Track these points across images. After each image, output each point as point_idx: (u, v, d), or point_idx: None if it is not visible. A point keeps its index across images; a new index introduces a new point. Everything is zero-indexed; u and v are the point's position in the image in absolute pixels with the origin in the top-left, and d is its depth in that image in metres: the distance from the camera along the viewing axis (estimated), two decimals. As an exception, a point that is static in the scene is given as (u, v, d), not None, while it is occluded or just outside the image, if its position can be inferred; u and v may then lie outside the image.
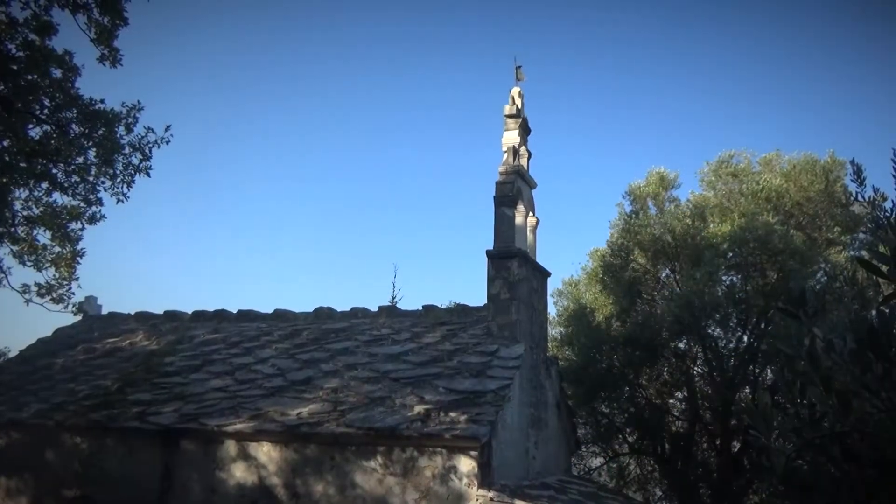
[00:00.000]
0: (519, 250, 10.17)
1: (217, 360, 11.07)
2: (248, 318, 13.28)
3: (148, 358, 11.65)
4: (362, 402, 8.74)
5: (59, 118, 8.49)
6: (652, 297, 14.99)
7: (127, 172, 8.79)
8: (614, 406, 15.36)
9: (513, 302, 9.93)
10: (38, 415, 10.15)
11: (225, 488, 8.72)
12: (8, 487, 10.15)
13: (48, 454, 9.98)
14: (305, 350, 10.89)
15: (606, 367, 14.33)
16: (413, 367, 9.51)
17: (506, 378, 8.76)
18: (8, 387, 11.76)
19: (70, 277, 9.50)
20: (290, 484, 8.40)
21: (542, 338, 10.90)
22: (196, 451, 9.00)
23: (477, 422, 7.76)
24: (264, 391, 9.56)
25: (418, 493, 7.74)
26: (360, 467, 8.09)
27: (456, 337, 10.42)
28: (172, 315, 14.04)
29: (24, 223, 9.09)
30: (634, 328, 13.71)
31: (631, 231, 14.67)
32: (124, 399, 10.09)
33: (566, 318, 16.25)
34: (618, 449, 16.32)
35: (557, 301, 17.73)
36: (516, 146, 10.75)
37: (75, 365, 12.19)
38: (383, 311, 12.33)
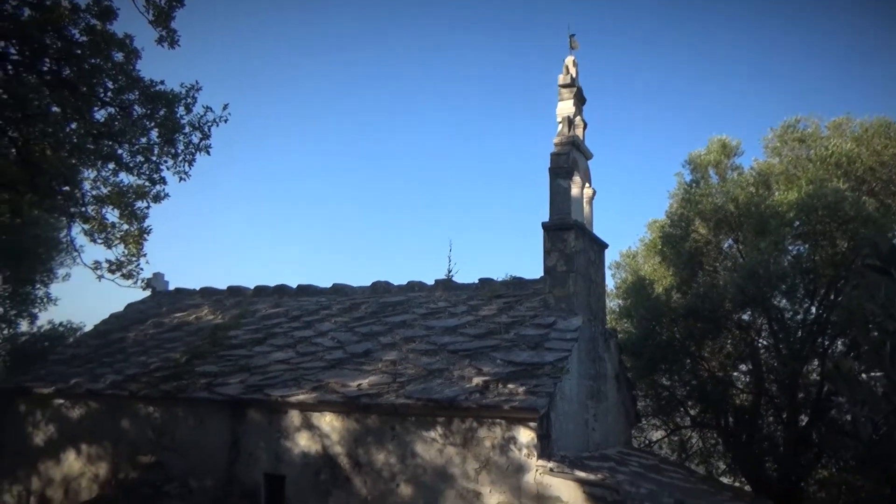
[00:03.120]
0: (575, 222, 10.03)
1: (279, 334, 11.35)
2: (308, 292, 13.55)
3: (213, 332, 12.03)
4: (421, 373, 8.83)
5: (122, 100, 8.72)
6: (714, 268, 14.59)
7: (188, 151, 9.01)
8: (675, 379, 15.10)
9: (570, 274, 9.83)
10: (113, 385, 10.63)
11: (290, 456, 8.99)
12: (89, 454, 10.72)
13: (124, 423, 10.47)
14: (364, 323, 11.05)
15: (667, 339, 14.06)
16: (470, 340, 9.54)
17: (564, 350, 8.70)
18: (85, 359, 12.36)
19: (138, 254, 9.84)
20: (352, 453, 8.59)
21: (600, 310, 10.78)
22: (261, 420, 9.29)
23: (535, 393, 7.74)
24: (325, 363, 9.76)
25: (478, 463, 7.81)
26: (421, 437, 8.20)
27: (512, 310, 10.39)
28: (235, 290, 14.45)
29: (94, 202, 9.44)
30: (696, 300, 13.39)
31: (691, 201, 14.28)
32: (192, 371, 10.47)
33: (624, 291, 16.00)
34: (679, 422, 16.08)
35: (615, 273, 17.49)
36: (571, 116, 10.55)
37: (146, 338, 12.71)
38: (439, 284, 12.39)
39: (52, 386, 11.24)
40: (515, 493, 7.55)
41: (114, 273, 9.93)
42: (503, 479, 7.65)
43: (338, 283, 13.41)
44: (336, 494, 8.57)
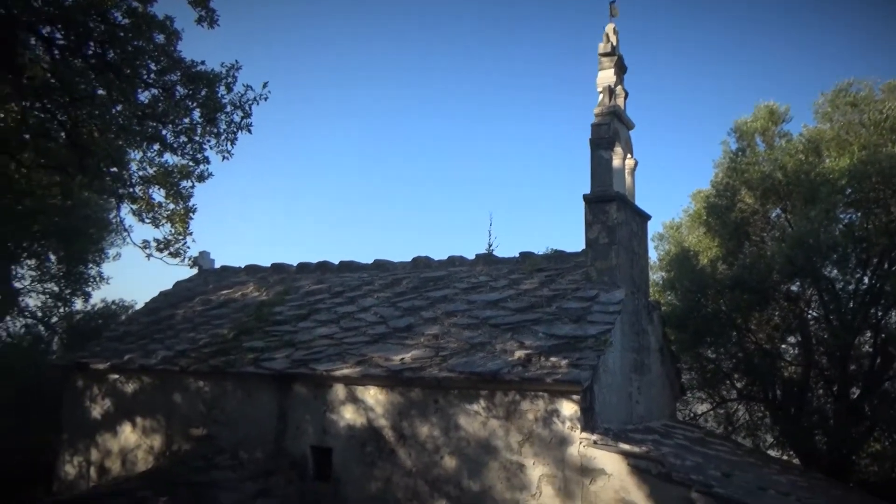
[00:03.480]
0: (617, 193, 9.89)
1: (322, 309, 11.51)
2: (350, 268, 13.70)
3: (259, 308, 12.27)
4: (463, 347, 8.87)
5: (165, 81, 8.87)
6: (761, 239, 14.27)
7: (230, 130, 9.14)
8: (721, 351, 14.89)
9: (612, 246, 9.71)
10: (164, 361, 10.96)
11: (336, 429, 9.16)
12: (144, 426, 11.10)
13: (176, 397, 10.80)
14: (406, 298, 11.13)
15: (712, 311, 13.84)
16: (512, 314, 9.54)
17: (606, 323, 8.64)
18: (137, 336, 12.75)
19: (185, 233, 10.09)
20: (396, 426, 8.72)
21: (643, 282, 10.64)
22: (307, 394, 9.47)
23: (578, 366, 7.72)
24: (368, 338, 9.88)
25: (521, 436, 7.85)
26: (464, 410, 8.27)
27: (554, 283, 10.34)
28: (279, 267, 14.69)
29: (141, 183, 9.69)
30: (742, 271, 13.12)
31: (737, 170, 13.94)
32: (240, 346, 10.71)
33: (668, 263, 15.76)
34: (725, 395, 15.88)
35: (658, 245, 17.24)
36: (612, 85, 10.34)
37: (194, 315, 13.03)
38: (480, 258, 12.38)
39: (107, 362, 11.63)
40: (559, 466, 7.58)
41: (162, 252, 10.20)
42: (546, 451, 7.68)
43: (379, 258, 13.52)
44: (381, 466, 8.72)
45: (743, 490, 7.40)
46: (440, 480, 8.28)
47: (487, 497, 7.94)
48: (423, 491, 8.37)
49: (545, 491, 7.61)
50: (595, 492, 7.31)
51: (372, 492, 8.72)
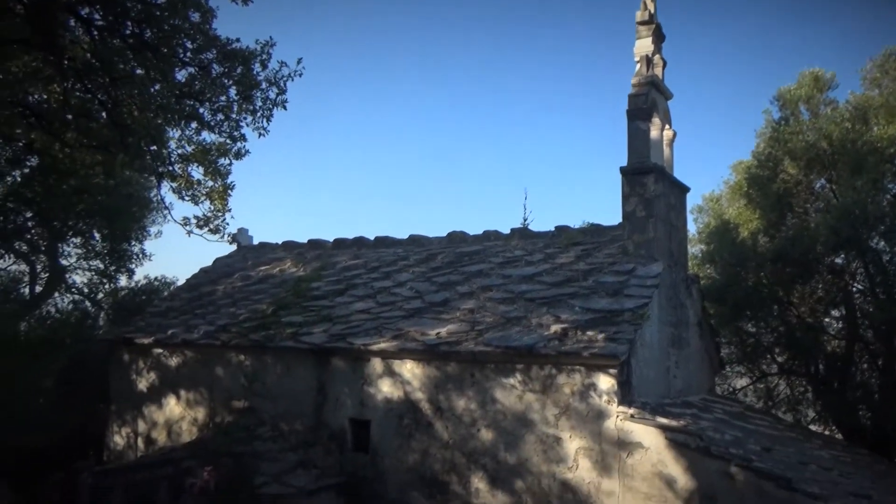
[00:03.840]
0: (655, 165, 9.71)
1: (359, 285, 11.62)
2: (385, 244, 13.76)
3: (297, 283, 12.44)
4: (499, 321, 8.88)
5: (201, 60, 8.93)
6: (804, 210, 13.90)
7: (265, 107, 9.19)
8: (761, 325, 14.62)
9: (649, 219, 9.57)
10: (206, 336, 11.20)
11: (374, 402, 9.29)
12: (188, 399, 11.40)
13: (218, 370, 11.06)
14: (441, 273, 11.16)
15: (752, 285, 13.57)
16: (548, 288, 9.49)
17: (644, 297, 8.55)
18: (179, 311, 13.05)
19: (223, 209, 10.24)
20: (433, 399, 8.80)
21: (681, 255, 10.48)
22: (345, 367, 9.61)
23: (615, 340, 7.67)
24: (404, 312, 9.95)
25: (558, 409, 7.86)
26: (500, 384, 8.30)
27: (590, 257, 10.25)
28: (316, 243, 14.84)
29: (180, 161, 9.84)
30: (784, 243, 12.82)
31: (780, 139, 13.55)
32: (279, 321, 10.89)
33: (707, 235, 15.49)
34: (765, 369, 15.63)
35: (697, 218, 16.94)
36: (649, 55, 10.11)
37: (234, 291, 13.27)
38: (515, 233, 12.32)
39: (150, 337, 11.94)
40: (596, 439, 7.58)
41: (202, 228, 10.37)
42: (583, 424, 7.68)
43: (414, 234, 13.56)
44: (419, 438, 8.83)
45: (784, 464, 7.31)
46: (477, 452, 8.36)
47: (524, 469, 7.99)
48: (461, 463, 8.46)
49: (582, 464, 7.62)
50: (632, 465, 7.30)
51: (409, 463, 8.85)
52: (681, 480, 7.00)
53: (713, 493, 6.81)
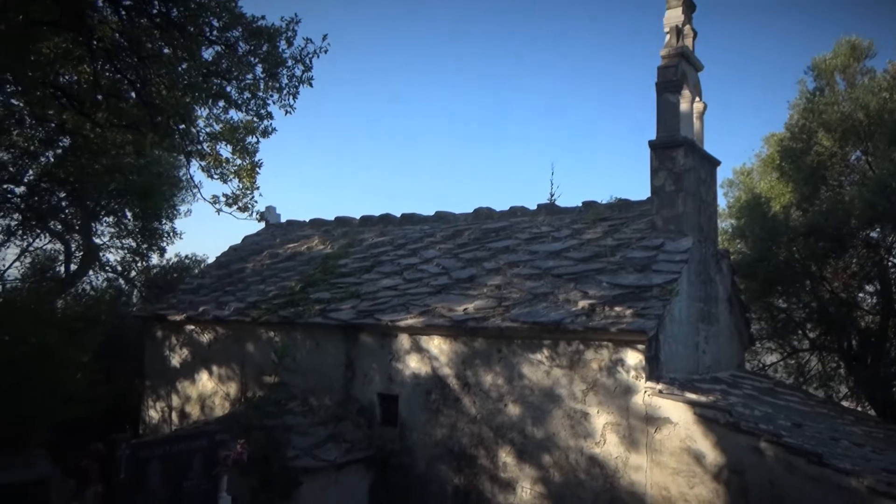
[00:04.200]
0: (684, 139, 9.55)
1: (386, 261, 11.68)
2: (412, 221, 13.79)
3: (324, 261, 12.55)
4: (526, 297, 8.88)
5: (227, 38, 8.95)
6: (839, 183, 13.61)
7: (291, 84, 9.19)
8: (793, 300, 14.42)
9: (678, 194, 9.44)
10: (237, 312, 11.38)
11: (401, 377, 9.39)
12: (219, 374, 11.63)
13: (248, 346, 11.24)
14: (467, 249, 11.16)
15: (784, 259, 13.36)
16: (575, 263, 9.45)
17: (673, 272, 8.47)
18: (210, 289, 13.26)
19: (252, 187, 10.34)
20: (460, 374, 8.86)
21: (711, 230, 10.34)
22: (373, 343, 9.71)
23: (643, 316, 7.63)
24: (431, 289, 9.99)
25: (585, 385, 7.86)
26: (527, 360, 8.32)
27: (618, 232, 10.16)
28: (342, 221, 14.93)
29: (208, 139, 9.92)
30: (818, 217, 12.58)
31: (814, 111, 13.25)
32: (307, 298, 11.01)
33: (738, 210, 15.26)
34: (796, 345, 15.44)
35: (728, 192, 16.70)
36: (679, 25, 9.90)
37: (263, 268, 13.43)
38: (542, 208, 12.26)
39: (182, 313, 12.17)
40: (623, 414, 7.58)
41: (231, 206, 10.48)
42: (611, 400, 7.68)
43: (440, 210, 13.56)
44: (447, 413, 8.91)
45: (814, 440, 7.25)
46: (504, 427, 8.42)
47: (551, 444, 8.04)
48: (488, 437, 8.53)
49: (609, 438, 7.64)
50: (660, 440, 7.29)
51: (437, 437, 8.95)
52: (709, 455, 6.99)
53: (742, 468, 6.79)
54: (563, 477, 7.93)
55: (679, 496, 7.13)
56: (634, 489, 7.42)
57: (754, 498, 6.71)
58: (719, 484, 6.91)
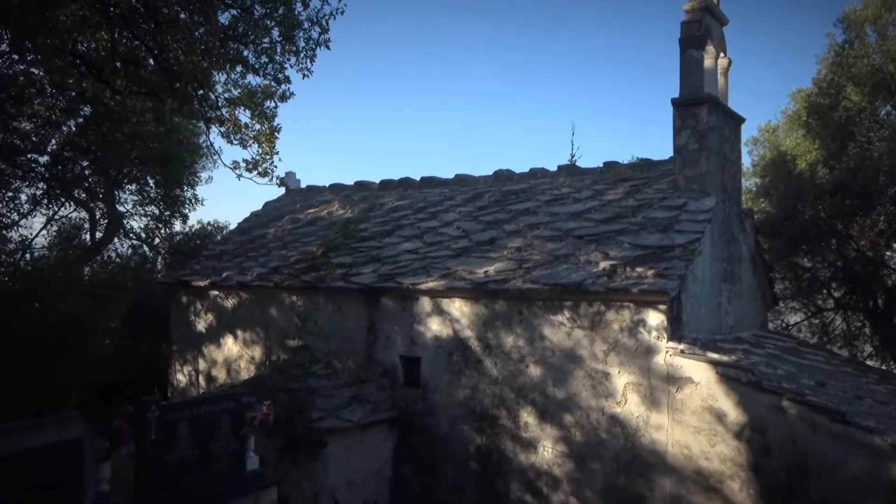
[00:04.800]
0: (708, 96, 9.36)
1: (406, 225, 11.69)
2: (431, 184, 13.75)
3: (345, 225, 12.59)
4: (546, 259, 8.86)
5: (243, 1, 8.88)
6: (867, 139, 13.29)
7: (308, 47, 9.13)
8: (818, 259, 14.24)
9: (702, 152, 9.29)
10: (259, 277, 11.51)
11: (423, 340, 9.47)
12: (244, 339, 11.82)
13: (272, 311, 11.38)
14: (488, 212, 11.13)
15: (809, 218, 13.15)
16: (596, 225, 9.39)
17: (695, 232, 8.38)
18: (232, 255, 13.39)
19: (271, 152, 10.37)
20: (482, 336, 8.91)
21: (734, 189, 10.19)
22: (395, 307, 9.78)
23: (665, 276, 7.58)
24: (452, 252, 10.00)
25: (606, 345, 7.88)
26: (548, 321, 8.34)
27: (640, 192, 10.05)
28: (362, 185, 14.93)
29: (227, 105, 9.93)
30: (845, 174, 12.33)
31: (844, 64, 12.88)
32: (328, 262, 11.09)
33: (763, 168, 15.00)
34: (821, 304, 15.29)
35: (752, 150, 16.40)
36: (704, -23, 9.61)
37: (284, 234, 13.52)
38: (562, 170, 12.15)
39: (206, 279, 12.33)
40: (644, 374, 7.60)
41: (251, 172, 10.54)
42: (632, 360, 7.69)
43: (460, 173, 13.50)
44: (468, 374, 9.00)
45: (838, 398, 7.22)
46: (526, 388, 8.49)
47: (572, 404, 8.09)
48: (510, 398, 8.61)
49: (630, 398, 7.67)
50: (682, 399, 7.31)
51: (460, 398, 9.05)
52: (731, 414, 7.00)
53: (764, 427, 6.79)
54: (584, 436, 8.00)
55: (700, 454, 7.17)
56: (655, 447, 7.48)
57: (776, 456, 6.73)
58: (741, 442, 6.93)
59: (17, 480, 4.64)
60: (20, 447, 4.67)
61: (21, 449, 4.66)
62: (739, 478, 6.93)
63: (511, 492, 8.56)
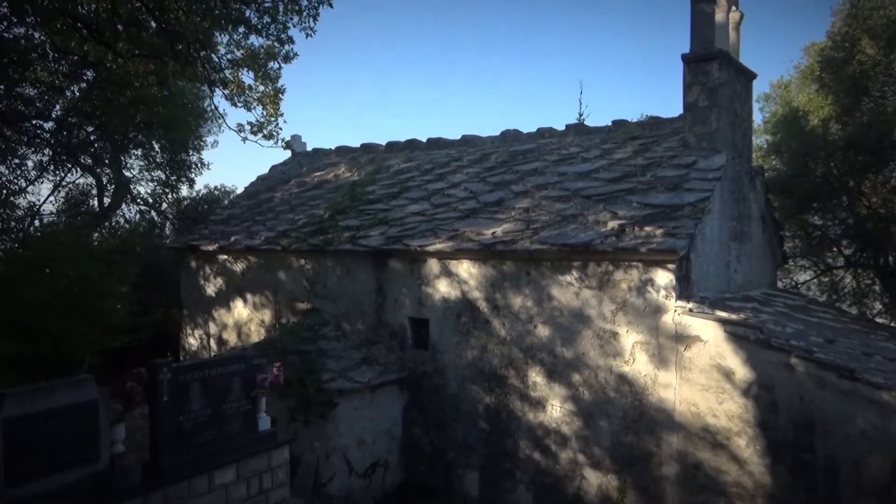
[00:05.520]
0: (720, 51, 9.17)
1: (413, 187, 11.64)
2: (438, 145, 13.64)
3: (352, 188, 12.55)
4: (554, 219, 8.81)
5: (245, -41, 8.73)
6: (882, 94, 13.04)
7: (311, 6, 8.99)
8: (828, 217, 14.12)
9: (712, 109, 9.14)
10: (267, 241, 11.52)
11: (431, 301, 9.50)
12: (254, 302, 11.89)
13: (280, 274, 11.43)
14: (495, 173, 11.05)
15: (821, 175, 13.01)
16: (604, 184, 9.31)
17: (705, 190, 8.30)
18: (240, 219, 13.40)
19: (276, 114, 10.29)
20: (490, 297, 8.93)
21: (745, 147, 10.05)
22: (403, 269, 9.79)
23: (674, 235, 7.53)
24: (459, 213, 9.96)
25: (614, 305, 7.87)
26: (556, 281, 8.33)
27: (649, 151, 9.94)
28: (368, 147, 14.83)
29: (230, 66, 9.82)
30: (858, 130, 12.13)
31: (859, 17, 12.57)
32: (336, 225, 11.08)
33: (774, 125, 14.79)
34: (831, 262, 15.22)
35: (764, 106, 16.15)
36: (716, -73, 9.34)
37: (291, 197, 13.50)
38: (571, 129, 12.01)
39: (215, 244, 12.36)
40: (653, 333, 7.60)
41: (256, 134, 10.47)
42: (640, 319, 7.70)
43: (467, 134, 13.38)
44: (476, 335, 9.04)
45: (846, 355, 7.22)
46: (534, 348, 8.53)
47: (580, 363, 8.13)
48: (518, 358, 8.66)
49: (638, 357, 7.70)
50: (690, 358, 7.33)
51: (468, 359, 9.11)
52: (739, 372, 7.02)
53: (772, 384, 6.81)
54: (592, 395, 8.06)
55: (707, 411, 7.21)
56: (663, 405, 7.53)
57: (783, 413, 6.76)
58: (748, 399, 6.97)
59: (33, 442, 4.72)
60: (34, 409, 4.74)
61: (35, 411, 4.73)
62: (746, 434, 6.98)
63: (520, 449, 8.67)
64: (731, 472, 7.08)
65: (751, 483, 6.95)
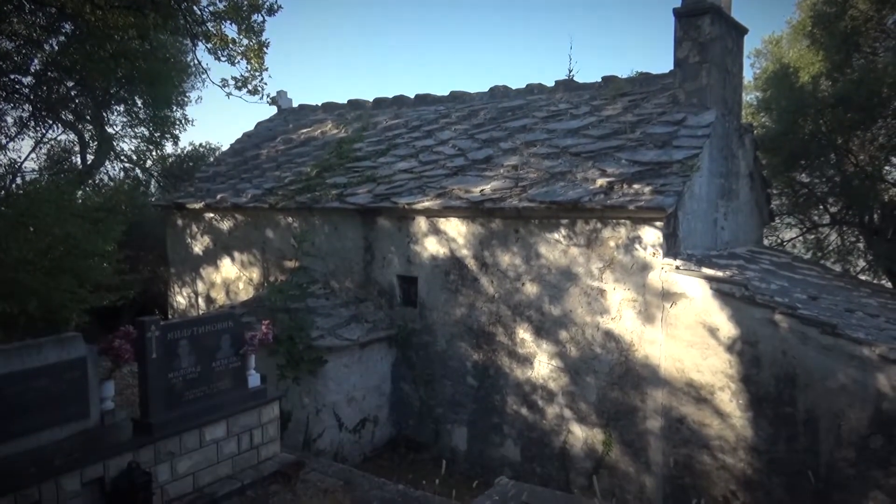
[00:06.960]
0: (711, 5, 9.04)
1: (401, 144, 11.52)
2: (426, 102, 13.48)
3: (339, 145, 12.41)
4: (543, 177, 8.78)
5: None
6: (873, 50, 12.94)
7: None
8: (816, 174, 14.15)
9: (703, 65, 9.06)
10: (254, 199, 11.43)
11: (420, 259, 9.50)
12: (241, 260, 11.85)
13: (268, 232, 11.37)
14: (484, 130, 10.95)
15: (810, 132, 12.98)
16: (593, 141, 9.26)
17: (694, 147, 8.27)
18: (226, 176, 13.26)
19: (260, 68, 10.09)
20: (478, 255, 8.94)
21: (735, 103, 10.00)
22: (391, 227, 9.76)
23: (662, 193, 7.53)
24: (447, 171, 9.90)
25: (602, 263, 7.91)
26: (544, 239, 8.34)
27: (639, 108, 9.87)
28: (355, 103, 14.63)
29: (212, 19, 9.56)
30: (848, 86, 12.07)
31: (852, -30, 12.38)
32: (323, 183, 10.99)
33: (764, 81, 14.68)
34: (816, 220, 15.32)
35: (755, 62, 15.99)
36: None
37: (277, 154, 13.35)
38: (560, 85, 11.88)
39: (201, 201, 12.25)
40: (640, 291, 7.66)
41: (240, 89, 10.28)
42: (627, 277, 7.74)
43: (455, 90, 13.21)
44: (465, 293, 9.07)
45: (829, 311, 7.32)
46: (522, 305, 8.58)
47: (568, 320, 8.20)
48: (506, 315, 8.72)
49: (625, 314, 7.77)
50: (676, 314, 7.40)
51: (456, 316, 9.17)
52: (724, 328, 7.11)
53: (756, 339, 6.91)
54: (579, 351, 8.15)
55: (692, 367, 7.32)
56: (649, 361, 7.63)
57: (766, 368, 6.88)
58: (732, 355, 7.07)
59: (22, 398, 4.72)
60: (22, 367, 4.73)
61: (22, 369, 4.72)
62: (730, 389, 7.11)
63: (507, 405, 8.80)
64: (713, 425, 7.22)
65: (733, 436, 7.10)
